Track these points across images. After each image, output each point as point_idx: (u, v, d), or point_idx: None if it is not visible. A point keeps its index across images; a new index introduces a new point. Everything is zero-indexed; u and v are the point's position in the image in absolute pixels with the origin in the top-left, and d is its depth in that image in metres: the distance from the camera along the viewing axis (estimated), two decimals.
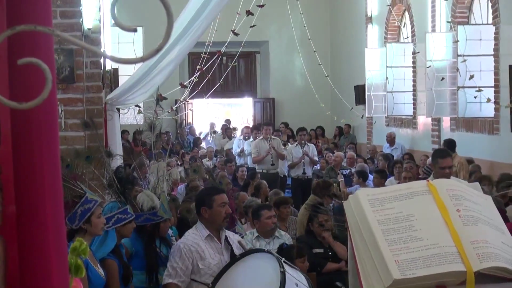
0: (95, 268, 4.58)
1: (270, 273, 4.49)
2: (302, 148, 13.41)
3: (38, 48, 1.52)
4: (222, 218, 5.09)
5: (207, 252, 4.98)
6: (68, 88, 6.85)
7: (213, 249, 5.02)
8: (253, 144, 14.14)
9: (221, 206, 5.07)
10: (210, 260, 4.95)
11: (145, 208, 5.58)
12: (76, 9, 6.81)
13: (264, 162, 13.46)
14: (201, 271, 4.92)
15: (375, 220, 2.80)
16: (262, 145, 13.61)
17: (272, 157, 13.36)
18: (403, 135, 16.37)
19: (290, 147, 14.02)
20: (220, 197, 5.12)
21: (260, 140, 13.86)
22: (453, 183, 3.14)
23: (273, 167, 13.42)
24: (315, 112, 19.09)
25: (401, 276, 2.57)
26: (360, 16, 19.07)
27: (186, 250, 4.95)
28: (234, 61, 15.83)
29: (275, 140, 13.85)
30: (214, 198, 5.09)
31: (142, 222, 5.58)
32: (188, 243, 5.00)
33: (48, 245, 1.56)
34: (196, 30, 7.15)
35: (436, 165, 6.82)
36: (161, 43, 1.42)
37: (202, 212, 5.10)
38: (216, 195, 5.13)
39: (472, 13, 13.43)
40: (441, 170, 6.70)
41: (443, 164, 6.75)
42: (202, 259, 4.94)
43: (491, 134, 12.10)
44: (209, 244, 5.03)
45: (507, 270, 2.63)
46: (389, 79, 15.63)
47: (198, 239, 5.03)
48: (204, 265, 4.93)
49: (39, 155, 1.54)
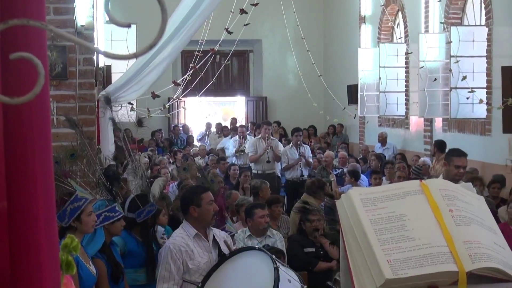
0: (87, 265, 4.57)
1: (263, 270, 4.49)
2: (298, 149, 13.18)
3: (31, 43, 1.51)
4: (211, 215, 5.10)
5: (196, 251, 4.98)
6: (61, 85, 6.83)
7: (202, 247, 5.03)
8: (250, 143, 13.84)
9: (209, 204, 5.09)
10: (199, 259, 4.95)
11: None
12: (70, 5, 6.80)
13: (260, 162, 13.14)
14: (190, 270, 4.93)
15: (367, 220, 2.79)
16: (259, 144, 13.29)
17: (269, 155, 13.06)
18: (395, 135, 16.40)
19: (285, 148, 13.59)
20: (207, 195, 5.14)
21: (257, 139, 13.55)
22: (446, 183, 3.14)
23: (269, 167, 13.10)
24: (308, 112, 19.10)
25: (393, 276, 2.57)
26: (354, 16, 19.10)
27: (176, 251, 4.94)
28: (227, 59, 15.78)
29: (273, 140, 13.58)
30: (201, 196, 5.11)
31: (145, 216, 5.66)
32: (177, 244, 4.99)
33: (39, 242, 1.55)
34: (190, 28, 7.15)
35: (450, 163, 6.67)
36: (154, 39, 1.41)
37: (191, 211, 5.09)
38: (203, 194, 5.14)
39: (465, 14, 13.47)
40: (456, 169, 6.59)
41: (458, 163, 6.62)
42: (192, 258, 4.95)
43: (483, 135, 12.14)
44: (197, 243, 5.04)
45: (499, 271, 2.63)
46: (382, 79, 15.66)
47: (186, 238, 5.03)
48: (194, 264, 4.93)
49: (31, 151, 1.53)
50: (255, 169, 13.16)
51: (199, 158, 15.23)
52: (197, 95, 16.31)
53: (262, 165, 13.11)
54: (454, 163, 6.65)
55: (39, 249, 1.55)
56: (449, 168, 6.68)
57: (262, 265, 4.56)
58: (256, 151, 13.21)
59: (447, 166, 6.68)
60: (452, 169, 6.65)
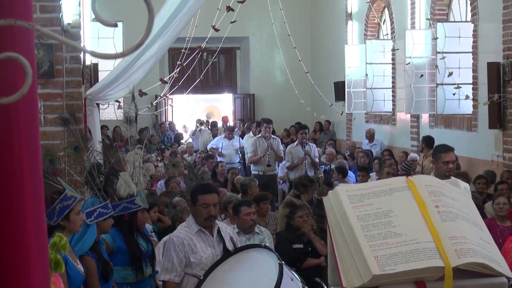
0: (74, 264, 4.56)
1: (268, 264, 4.51)
2: (303, 148, 12.30)
3: (18, 42, 1.51)
4: (203, 218, 5.09)
5: (199, 246, 5.04)
6: (48, 83, 6.81)
7: (205, 242, 5.08)
8: (249, 142, 13.08)
9: (202, 207, 5.07)
10: (201, 254, 5.01)
11: (123, 194, 5.54)
12: (56, 3, 6.78)
13: (260, 163, 12.40)
14: (192, 264, 4.99)
15: (354, 216, 2.81)
16: (260, 143, 12.51)
17: (269, 157, 12.31)
18: (382, 132, 16.44)
19: (289, 146, 12.75)
20: (204, 198, 5.10)
21: (257, 138, 12.74)
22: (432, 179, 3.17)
23: (269, 168, 12.38)
24: (295, 108, 19.11)
25: (380, 271, 2.58)
26: (340, 12, 19.11)
27: (179, 243, 5.01)
28: (214, 56, 15.75)
29: (275, 139, 12.77)
30: (198, 197, 5.11)
31: (120, 212, 5.55)
32: (180, 237, 5.06)
33: (28, 240, 1.55)
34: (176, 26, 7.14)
35: (438, 160, 6.59)
36: (141, 38, 1.42)
37: (190, 206, 5.16)
38: (201, 195, 5.12)
39: (451, 10, 13.51)
40: (444, 165, 6.52)
41: (446, 159, 6.56)
42: (194, 252, 5.01)
43: (469, 131, 12.19)
44: (200, 237, 5.09)
45: (485, 266, 2.66)
46: (368, 75, 15.69)
47: (189, 233, 5.09)
48: (196, 258, 4.99)
49: (19, 150, 1.54)
50: (255, 170, 12.54)
51: (187, 156, 15.21)
52: (184, 93, 16.29)
53: (264, 165, 12.41)
54: (442, 160, 6.61)
55: (28, 248, 1.55)
56: (438, 165, 6.63)
57: (267, 260, 4.58)
58: (256, 152, 12.47)
59: (436, 164, 6.65)
60: (441, 166, 6.60)
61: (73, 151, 5.44)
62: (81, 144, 5.61)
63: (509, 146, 10.73)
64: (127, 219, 5.64)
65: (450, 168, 6.58)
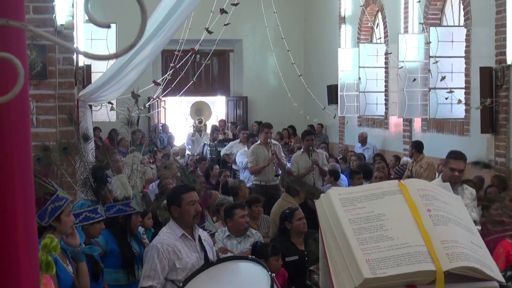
0: (64, 265, 4.55)
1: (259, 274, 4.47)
2: (310, 156, 10.97)
3: (10, 42, 1.51)
4: (192, 216, 5.06)
5: (184, 251, 4.97)
6: (40, 84, 6.80)
7: (189, 247, 5.02)
8: (249, 151, 11.57)
9: (190, 205, 5.04)
10: (187, 259, 4.95)
11: (119, 196, 5.53)
12: (49, 4, 6.77)
13: (263, 173, 11.13)
14: (178, 270, 4.92)
15: (346, 219, 2.81)
16: (260, 151, 11.27)
17: (276, 167, 11.06)
18: (375, 135, 16.47)
19: (295, 155, 11.55)
20: (189, 195, 5.07)
21: (257, 145, 11.38)
22: (424, 183, 3.17)
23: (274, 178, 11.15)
24: (288, 111, 19.12)
25: (371, 275, 2.58)
26: (334, 16, 19.15)
27: (164, 250, 4.92)
28: (208, 59, 15.75)
29: (276, 145, 11.55)
30: (182, 197, 5.06)
31: (114, 213, 5.54)
32: (164, 243, 4.96)
33: (18, 242, 1.54)
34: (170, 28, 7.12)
35: (447, 165, 6.70)
36: (135, 40, 1.42)
37: (172, 211, 5.08)
38: (185, 194, 5.08)
39: (444, 15, 13.56)
40: (450, 172, 6.59)
41: (453, 165, 6.63)
42: (179, 258, 4.93)
43: (461, 135, 12.22)
44: (184, 243, 5.02)
45: (476, 270, 2.66)
46: (361, 79, 15.73)
47: (173, 238, 5.01)
48: (181, 264, 4.92)
49: (10, 151, 1.53)
50: (256, 180, 11.26)
51: (179, 158, 15.20)
52: (177, 95, 16.28)
53: (267, 175, 11.16)
54: (449, 165, 6.64)
55: (18, 249, 1.55)
56: (446, 170, 6.69)
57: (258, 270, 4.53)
58: (257, 161, 11.20)
59: (445, 167, 6.68)
60: (447, 171, 6.64)
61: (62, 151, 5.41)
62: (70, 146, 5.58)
63: (501, 151, 10.76)
64: (121, 222, 5.63)
65: (456, 176, 6.57)
